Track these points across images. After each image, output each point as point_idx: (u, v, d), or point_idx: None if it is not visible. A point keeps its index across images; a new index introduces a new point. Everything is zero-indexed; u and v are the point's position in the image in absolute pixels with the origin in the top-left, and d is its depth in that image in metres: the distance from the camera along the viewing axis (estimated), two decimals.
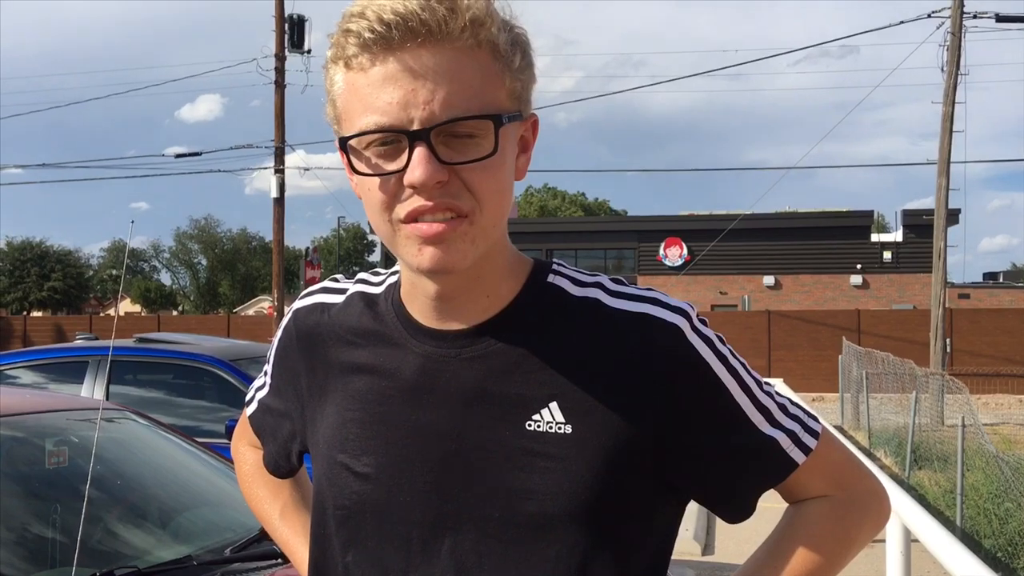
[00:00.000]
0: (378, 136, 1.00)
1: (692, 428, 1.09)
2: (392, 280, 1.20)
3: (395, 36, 0.97)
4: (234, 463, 1.46)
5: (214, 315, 46.42)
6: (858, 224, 31.54)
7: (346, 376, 1.16)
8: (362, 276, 1.24)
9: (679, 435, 1.08)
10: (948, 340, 18.97)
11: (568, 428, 1.06)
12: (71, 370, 6.20)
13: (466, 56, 0.99)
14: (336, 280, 1.25)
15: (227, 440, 5.07)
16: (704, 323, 1.12)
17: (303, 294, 1.27)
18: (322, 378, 1.19)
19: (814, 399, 21.65)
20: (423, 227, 1.00)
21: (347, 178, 1.08)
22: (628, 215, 50.60)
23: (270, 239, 23.00)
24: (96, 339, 7.29)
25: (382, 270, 1.24)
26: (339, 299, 1.21)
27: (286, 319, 1.26)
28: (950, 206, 17.72)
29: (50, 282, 56.73)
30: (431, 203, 0.99)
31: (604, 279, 1.13)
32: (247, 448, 1.42)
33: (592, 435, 1.05)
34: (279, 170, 21.03)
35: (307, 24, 21.83)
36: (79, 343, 7.09)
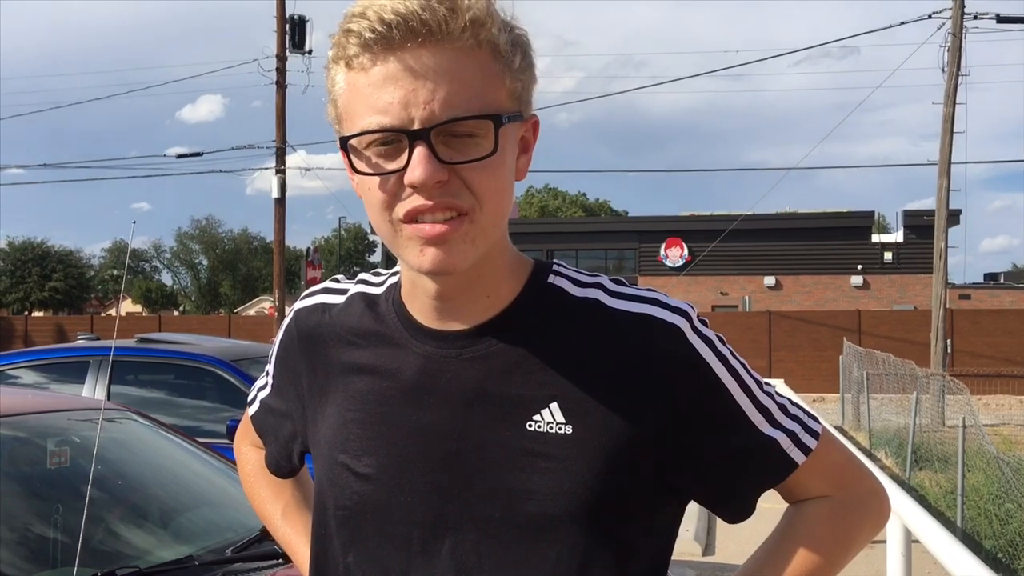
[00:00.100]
0: (379, 136, 1.00)
1: (692, 428, 1.09)
2: (393, 280, 1.20)
3: (395, 36, 0.97)
4: (236, 463, 1.46)
5: (215, 315, 46.44)
6: (859, 225, 31.52)
7: (347, 376, 1.16)
8: (363, 276, 1.24)
9: (679, 435, 1.08)
10: (949, 341, 18.97)
11: (568, 429, 1.06)
12: (72, 370, 6.20)
13: (466, 56, 0.99)
14: (337, 280, 1.26)
15: (228, 440, 5.08)
16: (704, 324, 1.12)
17: (304, 295, 1.27)
18: (323, 378, 1.19)
19: (815, 400, 21.64)
20: (424, 228, 1.01)
21: (348, 178, 1.08)
22: (629, 215, 50.58)
23: (271, 239, 23.01)
24: (97, 339, 7.30)
25: (383, 271, 1.25)
26: (340, 299, 1.21)
27: (287, 319, 1.27)
28: (951, 207, 17.72)
29: (51, 282, 56.74)
30: (431, 202, 1.00)
31: (604, 280, 1.14)
32: (249, 448, 1.43)
33: (592, 436, 1.06)
34: (280, 170, 21.04)
35: (308, 24, 21.86)
36: (80, 343, 7.09)
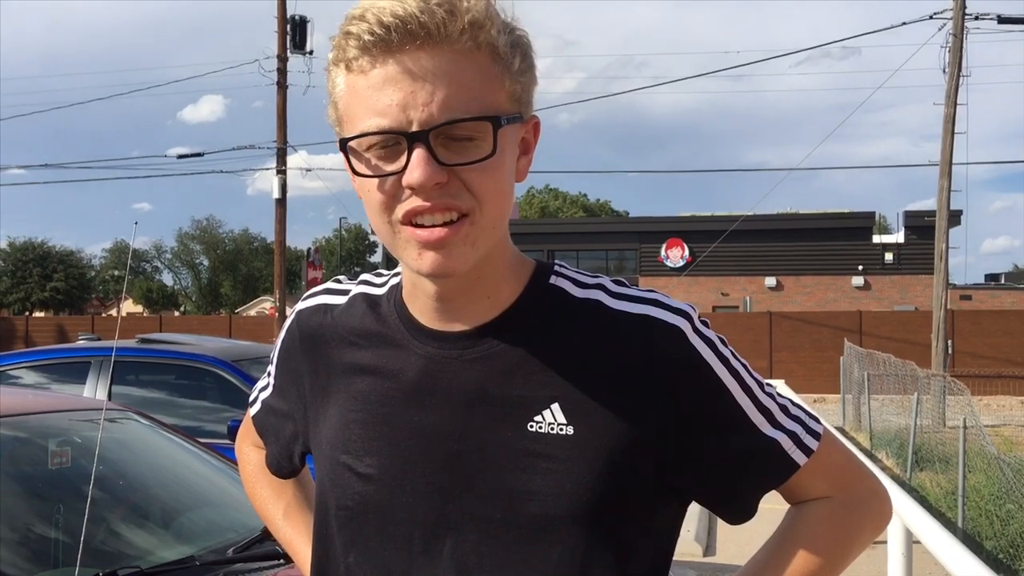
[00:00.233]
0: (378, 138, 1.00)
1: (693, 430, 1.09)
2: (395, 281, 1.20)
3: (394, 39, 0.97)
4: (238, 463, 1.47)
5: (216, 316, 46.47)
6: (860, 225, 31.51)
7: (349, 377, 1.16)
8: (365, 277, 1.24)
9: (681, 437, 1.08)
10: (950, 341, 18.97)
11: (570, 429, 1.06)
12: (74, 371, 6.20)
13: (465, 58, 0.99)
14: (339, 281, 1.26)
15: (229, 441, 5.08)
16: (706, 324, 1.12)
17: (306, 295, 1.27)
18: (325, 379, 1.19)
19: (815, 400, 21.64)
20: (422, 233, 1.01)
21: (349, 179, 1.08)
22: (629, 216, 50.56)
23: (272, 240, 23.02)
24: (99, 339, 7.30)
25: (385, 271, 1.25)
26: (342, 300, 1.22)
27: (289, 320, 1.27)
28: (952, 207, 17.73)
29: (52, 283, 56.77)
30: (429, 204, 1.00)
31: (606, 280, 1.14)
32: (251, 448, 1.43)
33: (594, 436, 1.06)
34: (281, 171, 21.05)
35: (309, 25, 21.88)
36: (81, 343, 7.10)
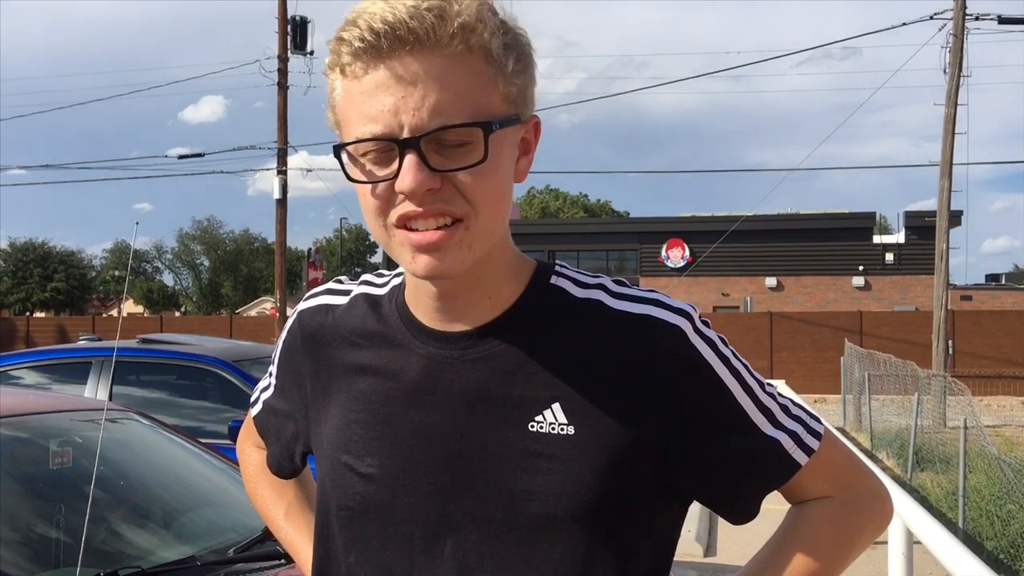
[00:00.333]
0: (372, 143, 1.00)
1: (695, 430, 1.09)
2: (396, 282, 1.20)
3: (383, 45, 0.98)
4: (239, 463, 1.47)
5: (216, 316, 46.45)
6: (860, 226, 31.50)
7: (350, 377, 1.16)
8: (366, 278, 1.24)
9: (682, 437, 1.09)
10: (950, 342, 18.97)
11: (571, 429, 1.06)
12: (74, 371, 6.20)
13: (457, 62, 0.99)
14: (340, 282, 1.26)
15: (230, 441, 5.08)
16: (706, 324, 1.12)
17: (307, 296, 1.27)
18: (326, 379, 1.19)
19: (816, 400, 21.63)
20: (415, 236, 1.01)
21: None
22: (630, 216, 50.52)
23: (272, 240, 23.04)
24: (99, 340, 7.30)
25: (386, 271, 1.25)
26: (343, 300, 1.22)
27: (291, 320, 1.27)
28: (952, 208, 17.73)
29: (53, 283, 56.80)
30: (422, 209, 1.00)
31: (607, 280, 1.14)
32: (252, 449, 1.43)
33: (595, 436, 1.06)
34: (282, 171, 21.06)
35: (310, 26, 21.89)
36: (82, 344, 7.10)
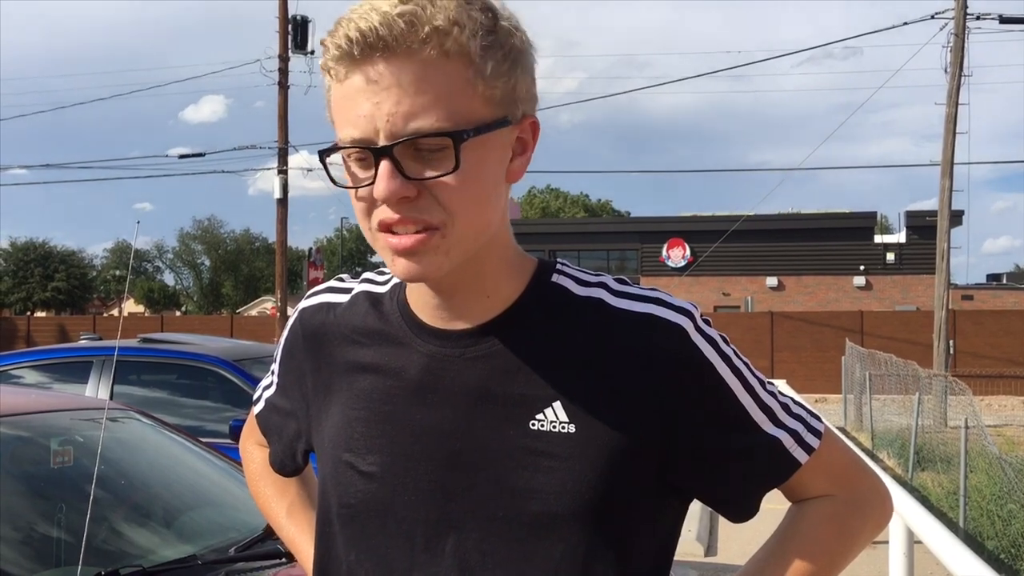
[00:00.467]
0: (353, 147, 1.01)
1: (695, 428, 1.09)
2: (397, 280, 1.20)
3: (356, 52, 0.98)
4: (242, 461, 1.47)
5: (217, 315, 46.46)
6: (861, 225, 31.51)
7: (351, 375, 1.16)
8: (367, 276, 1.24)
9: (682, 435, 1.09)
10: (951, 341, 18.97)
11: (572, 428, 1.06)
12: (75, 370, 6.21)
13: (431, 68, 0.98)
14: (342, 280, 1.26)
15: (231, 440, 5.08)
16: (708, 323, 1.12)
17: (309, 294, 1.27)
18: (327, 377, 1.19)
19: (817, 400, 21.63)
20: (393, 240, 1.02)
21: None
22: (631, 216, 50.53)
23: (273, 240, 23.03)
24: (100, 339, 7.30)
25: (387, 269, 1.25)
26: (344, 298, 1.22)
27: (292, 319, 1.27)
28: (953, 207, 17.73)
29: (54, 283, 56.82)
30: (398, 216, 1.00)
31: (608, 279, 1.14)
32: (254, 447, 1.43)
33: (595, 435, 1.06)
34: (282, 171, 21.06)
35: (310, 25, 21.89)
36: (83, 343, 7.10)
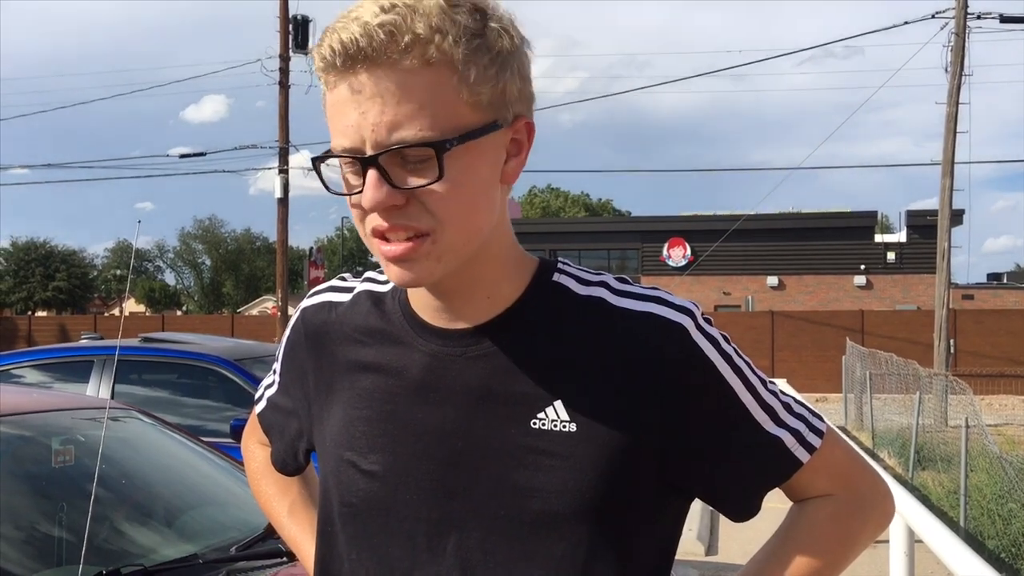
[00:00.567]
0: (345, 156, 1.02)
1: (696, 427, 1.09)
2: None
3: (339, 63, 0.98)
4: (244, 460, 1.47)
5: (218, 315, 46.45)
6: (862, 225, 31.51)
7: (353, 374, 1.16)
8: (369, 275, 1.24)
9: (683, 434, 1.09)
10: (952, 341, 18.97)
11: (573, 427, 1.06)
12: (76, 370, 6.21)
13: (414, 77, 0.98)
14: (343, 279, 1.26)
15: (232, 439, 5.09)
16: (709, 322, 1.12)
17: (311, 293, 1.27)
18: (329, 376, 1.19)
19: (817, 400, 21.62)
20: (385, 247, 1.03)
21: None
22: (631, 216, 50.49)
23: (274, 239, 23.03)
24: (101, 339, 7.31)
25: None
26: (346, 297, 1.22)
27: (294, 318, 1.27)
28: (954, 207, 17.73)
29: (55, 282, 56.84)
30: (387, 225, 1.01)
31: (609, 278, 1.14)
32: (256, 446, 1.43)
33: (597, 434, 1.06)
34: (283, 170, 21.05)
35: (311, 25, 21.86)
36: (84, 343, 7.10)
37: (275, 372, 1.33)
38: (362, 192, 1.00)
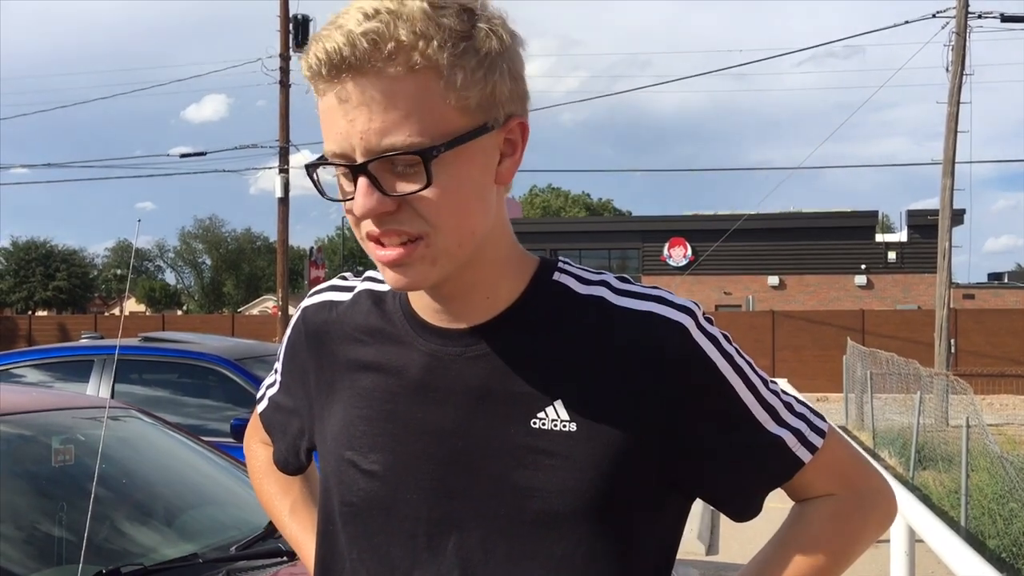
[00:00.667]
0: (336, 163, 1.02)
1: (697, 427, 1.09)
2: None
3: (325, 72, 0.98)
4: (246, 460, 1.47)
5: (218, 315, 46.46)
6: (863, 224, 31.50)
7: (353, 374, 1.16)
8: (370, 274, 1.24)
9: (684, 434, 1.08)
10: (952, 340, 18.97)
11: (573, 426, 1.06)
12: (77, 369, 6.21)
13: (399, 84, 0.97)
14: (344, 278, 1.26)
15: (232, 439, 5.09)
16: (710, 321, 1.12)
17: (312, 292, 1.27)
18: (330, 375, 1.19)
19: (818, 399, 21.63)
20: (380, 252, 1.03)
21: None
22: (632, 215, 50.52)
23: (274, 239, 23.02)
24: (101, 338, 7.30)
25: None
26: (347, 297, 1.22)
27: (295, 317, 1.27)
28: (955, 206, 17.73)
29: (55, 281, 56.86)
30: (379, 231, 1.01)
31: (610, 277, 1.14)
32: (259, 445, 1.43)
33: (597, 433, 1.06)
34: (284, 170, 21.05)
35: (312, 24, 21.85)
36: (84, 342, 7.10)
37: (276, 371, 1.33)
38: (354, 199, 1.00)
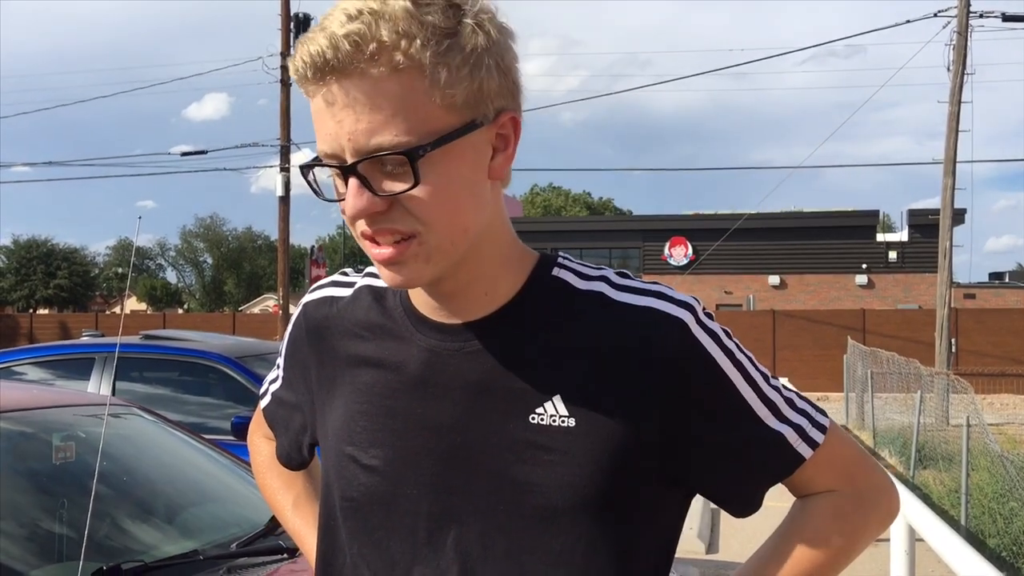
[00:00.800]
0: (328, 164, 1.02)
1: (697, 422, 1.09)
2: None
3: (310, 75, 0.99)
4: (250, 455, 1.48)
5: (219, 313, 46.42)
6: (863, 224, 31.49)
7: (354, 369, 1.17)
8: (371, 270, 1.24)
9: (684, 429, 1.08)
10: (953, 340, 18.96)
11: (571, 421, 1.06)
12: (78, 367, 6.22)
13: (383, 84, 0.98)
14: (345, 274, 1.26)
15: (233, 437, 5.09)
16: (710, 317, 1.12)
17: (313, 287, 1.28)
18: (330, 371, 1.20)
19: (819, 398, 21.62)
20: (375, 251, 1.03)
21: None
22: (633, 214, 50.47)
23: (275, 237, 23.04)
24: (102, 336, 7.31)
25: None
26: (347, 292, 1.22)
27: (297, 313, 1.28)
28: (956, 206, 17.72)
29: (56, 280, 56.88)
30: (372, 230, 1.02)
31: (609, 272, 1.14)
32: (262, 440, 1.44)
33: (596, 429, 1.06)
34: (285, 168, 21.05)
35: (312, 23, 21.78)
36: (85, 340, 7.10)
37: (279, 367, 1.33)
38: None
